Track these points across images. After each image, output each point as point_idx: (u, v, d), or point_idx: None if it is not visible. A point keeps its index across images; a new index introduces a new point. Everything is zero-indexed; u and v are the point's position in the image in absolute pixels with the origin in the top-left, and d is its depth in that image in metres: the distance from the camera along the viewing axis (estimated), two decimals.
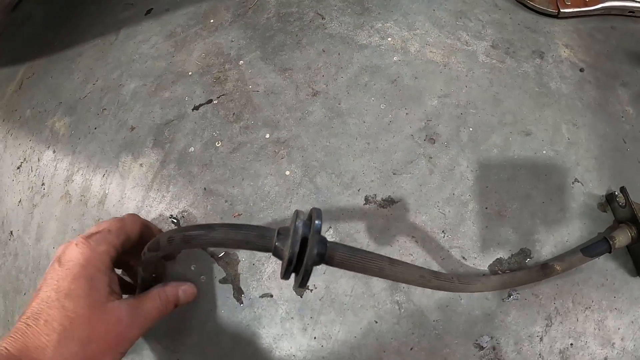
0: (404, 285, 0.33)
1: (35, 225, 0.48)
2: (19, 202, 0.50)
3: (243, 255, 0.35)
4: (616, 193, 0.36)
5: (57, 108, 0.52)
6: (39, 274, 0.44)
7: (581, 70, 0.42)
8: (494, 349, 0.34)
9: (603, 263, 0.36)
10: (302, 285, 0.21)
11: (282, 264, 0.21)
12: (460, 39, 0.41)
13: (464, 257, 0.34)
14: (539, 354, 0.35)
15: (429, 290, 0.33)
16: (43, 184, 0.48)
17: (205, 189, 0.37)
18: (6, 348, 0.24)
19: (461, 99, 0.38)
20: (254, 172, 0.36)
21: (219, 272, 0.35)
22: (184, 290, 0.33)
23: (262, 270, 0.34)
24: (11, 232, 0.50)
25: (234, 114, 0.39)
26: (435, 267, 0.34)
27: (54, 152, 0.49)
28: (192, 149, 0.39)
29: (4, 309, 0.49)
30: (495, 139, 0.38)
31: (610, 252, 0.33)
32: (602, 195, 0.37)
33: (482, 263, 0.35)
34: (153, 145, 0.41)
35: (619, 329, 0.35)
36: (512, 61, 0.41)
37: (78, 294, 0.26)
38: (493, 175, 0.37)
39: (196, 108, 0.41)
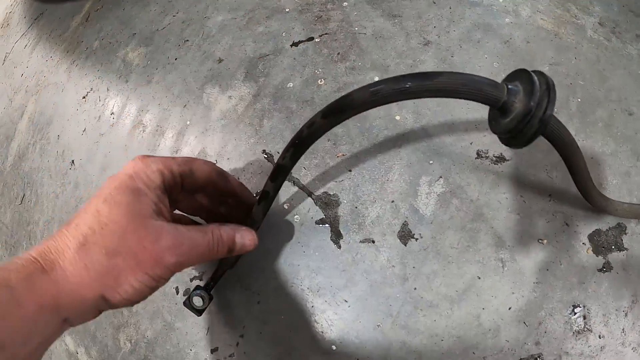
0: (509, 242, 0.31)
1: (101, 154, 0.43)
2: (84, 131, 0.46)
3: (345, 196, 0.32)
4: None
5: (130, 39, 0.48)
6: None
7: None
8: (584, 317, 0.32)
9: None
10: (524, 145, 0.19)
11: (506, 120, 0.20)
12: (570, 11, 0.39)
13: (566, 224, 0.32)
14: (622, 329, 0.33)
15: (532, 250, 0.31)
16: (112, 113, 0.44)
17: None
18: (30, 253, 0.22)
19: (570, 70, 0.36)
20: (362, 114, 0.33)
21: (316, 212, 0.32)
22: (242, 235, 0.27)
23: (365, 214, 0.31)
24: (72, 162, 0.46)
25: (338, 53, 0.36)
26: (539, 229, 0.32)
27: (127, 81, 0.45)
28: (290, 84, 0.36)
29: None
30: (600, 113, 0.36)
31: None
32: None
33: (582, 231, 0.33)
34: (244, 79, 0.38)
35: None
36: (617, 41, 0.39)
37: (117, 200, 0.23)
38: (597, 148, 0.35)
39: (295, 44, 0.37)
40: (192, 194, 0.29)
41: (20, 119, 0.56)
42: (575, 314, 0.32)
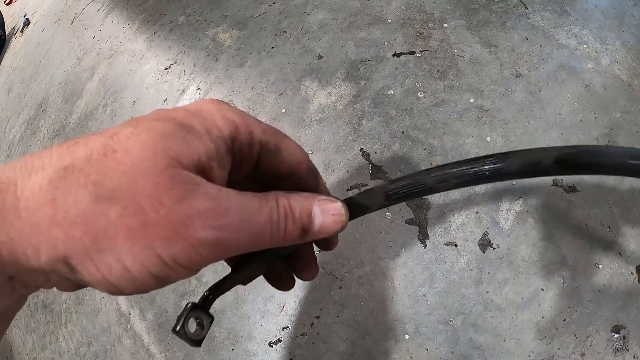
0: (571, 262, 0.36)
1: None
2: (164, 101, 0.49)
3: (435, 201, 0.36)
4: None
5: (221, 20, 0.50)
6: None
7: None
8: (624, 337, 0.37)
9: None
10: None
11: None
12: None
13: (620, 254, 0.38)
14: None
15: (589, 272, 0.36)
16: (199, 89, 0.47)
17: (403, 132, 0.38)
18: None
19: (639, 119, 0.41)
20: (456, 130, 0.38)
21: (407, 212, 0.36)
22: (324, 208, 0.18)
23: (452, 220, 0.36)
24: None
25: (438, 71, 0.40)
26: (597, 255, 0.37)
27: (216, 61, 0.48)
28: (391, 92, 0.40)
29: None
30: None
31: None
32: None
33: (632, 262, 0.38)
34: (345, 78, 0.41)
35: None
36: None
37: (150, 127, 0.15)
38: None
39: (397, 55, 0.41)
40: (255, 182, 0.20)
41: (90, 80, 0.57)
42: (617, 333, 0.37)
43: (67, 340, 0.53)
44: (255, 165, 0.18)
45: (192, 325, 0.20)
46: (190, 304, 0.20)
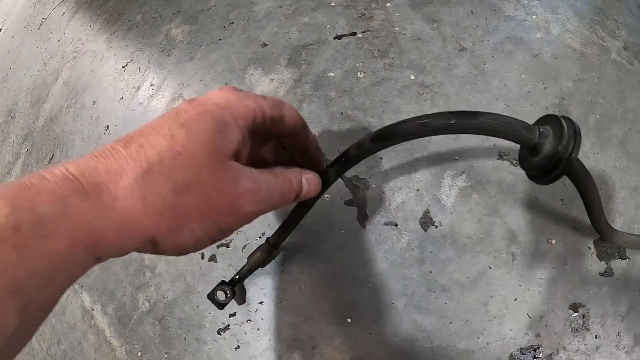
0: (521, 238, 0.35)
1: (137, 122, 0.48)
2: (121, 99, 0.50)
3: (374, 181, 0.36)
4: None
5: (174, 16, 0.52)
6: None
7: None
8: (583, 316, 0.36)
9: None
10: (549, 182, 0.22)
11: (535, 159, 0.23)
12: (597, 33, 0.43)
13: (575, 228, 0.36)
14: (618, 332, 0.37)
15: (541, 248, 0.35)
16: (152, 85, 0.48)
17: (342, 113, 0.38)
18: (66, 168, 0.17)
19: (592, 88, 0.40)
20: (396, 107, 0.37)
21: (345, 193, 0.36)
22: (308, 178, 0.26)
23: (391, 199, 0.35)
24: (107, 127, 0.50)
25: (378, 50, 0.40)
26: (549, 230, 0.36)
27: (169, 56, 0.49)
28: (331, 74, 0.40)
29: None
30: (616, 131, 0.40)
31: None
32: None
33: (589, 236, 0.37)
34: (287, 64, 0.42)
35: None
36: (639, 65, 0.43)
37: (199, 129, 0.19)
38: (610, 162, 0.39)
39: (338, 37, 0.41)
40: (269, 141, 0.26)
41: (55, 83, 0.60)
42: (575, 312, 0.36)
43: (39, 341, 0.54)
44: (270, 135, 0.24)
45: (220, 295, 0.32)
46: (221, 280, 0.32)
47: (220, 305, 0.32)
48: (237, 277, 0.33)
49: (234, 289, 0.32)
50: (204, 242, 0.20)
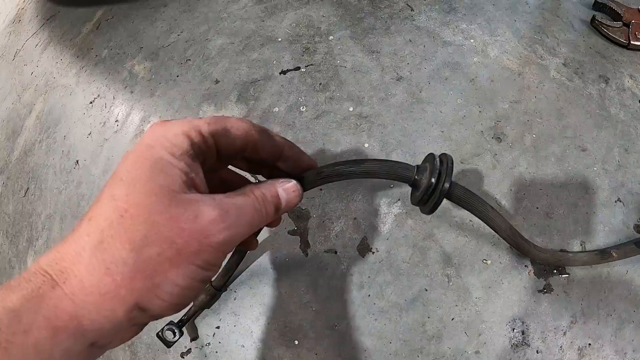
0: (455, 260, 0.39)
1: (104, 157, 0.52)
2: (89, 134, 0.55)
3: (315, 211, 0.40)
4: None
5: (137, 52, 0.56)
6: None
7: None
8: (522, 332, 0.39)
9: (631, 278, 0.41)
10: (431, 212, 0.26)
11: (417, 193, 0.28)
12: (536, 52, 0.46)
13: (511, 248, 0.40)
14: (560, 347, 0.40)
15: (476, 268, 0.39)
16: (117, 121, 0.53)
17: None
18: (38, 264, 0.18)
19: (529, 107, 0.43)
20: (335, 140, 0.41)
21: (289, 224, 0.40)
22: (285, 188, 0.24)
23: (331, 228, 0.39)
24: (77, 162, 0.55)
25: (320, 84, 0.44)
26: (484, 251, 0.39)
27: (132, 92, 0.54)
28: (276, 109, 0.44)
29: (60, 233, 0.54)
30: (554, 149, 0.43)
31: None
32: (639, 218, 0.43)
33: (525, 256, 0.40)
34: (237, 100, 0.46)
35: (633, 340, 0.40)
36: (579, 81, 0.46)
37: (135, 177, 0.19)
38: (548, 181, 0.42)
39: (284, 72, 0.46)
40: (229, 161, 0.26)
41: (29, 116, 0.65)
42: (514, 329, 0.39)
43: None
44: (217, 153, 0.23)
45: (169, 334, 0.36)
46: (170, 321, 0.37)
47: (169, 344, 0.36)
48: (185, 317, 0.38)
49: (181, 329, 0.37)
50: (194, 287, 0.20)
